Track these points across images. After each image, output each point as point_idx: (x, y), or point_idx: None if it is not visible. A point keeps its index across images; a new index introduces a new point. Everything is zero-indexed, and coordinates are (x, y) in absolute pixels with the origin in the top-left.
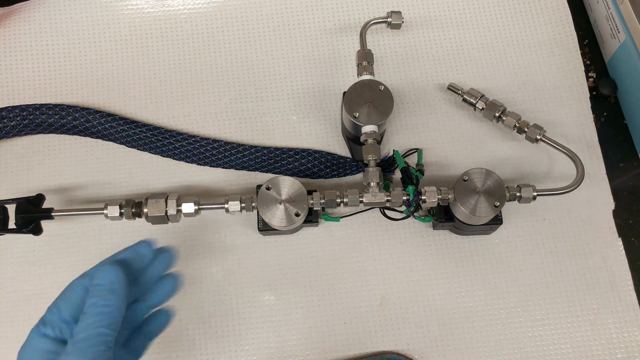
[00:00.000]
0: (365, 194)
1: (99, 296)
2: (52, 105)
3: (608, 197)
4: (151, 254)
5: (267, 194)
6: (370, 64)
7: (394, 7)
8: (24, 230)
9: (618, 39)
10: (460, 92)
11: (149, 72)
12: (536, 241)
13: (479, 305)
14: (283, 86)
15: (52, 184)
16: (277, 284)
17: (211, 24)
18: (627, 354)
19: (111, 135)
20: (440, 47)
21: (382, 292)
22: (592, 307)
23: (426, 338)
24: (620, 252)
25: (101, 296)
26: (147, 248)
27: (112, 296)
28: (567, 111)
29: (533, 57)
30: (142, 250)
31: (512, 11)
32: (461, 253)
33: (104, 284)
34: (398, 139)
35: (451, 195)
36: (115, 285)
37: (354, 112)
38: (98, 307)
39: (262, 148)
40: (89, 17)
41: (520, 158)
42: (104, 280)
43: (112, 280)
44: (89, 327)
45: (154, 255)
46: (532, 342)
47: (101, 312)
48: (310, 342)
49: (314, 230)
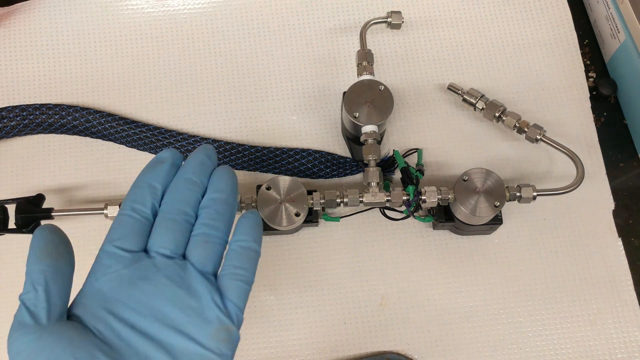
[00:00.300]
0: (365, 194)
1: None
2: (52, 105)
3: (608, 197)
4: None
5: (267, 194)
6: (370, 64)
7: (394, 7)
8: (24, 230)
9: (618, 39)
10: (460, 92)
11: (149, 72)
12: (536, 241)
13: (479, 305)
14: (283, 86)
15: (52, 184)
16: (277, 284)
17: (211, 24)
18: (627, 354)
19: (111, 135)
20: (440, 47)
21: (382, 292)
22: (592, 307)
23: (426, 338)
24: (620, 252)
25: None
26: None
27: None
28: (567, 111)
29: (533, 57)
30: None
31: (512, 11)
32: (461, 253)
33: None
34: (398, 139)
35: (451, 195)
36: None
37: (354, 112)
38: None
39: (262, 148)
40: (88, 17)
41: (520, 158)
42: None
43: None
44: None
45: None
46: (532, 342)
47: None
48: (310, 342)
49: (314, 230)
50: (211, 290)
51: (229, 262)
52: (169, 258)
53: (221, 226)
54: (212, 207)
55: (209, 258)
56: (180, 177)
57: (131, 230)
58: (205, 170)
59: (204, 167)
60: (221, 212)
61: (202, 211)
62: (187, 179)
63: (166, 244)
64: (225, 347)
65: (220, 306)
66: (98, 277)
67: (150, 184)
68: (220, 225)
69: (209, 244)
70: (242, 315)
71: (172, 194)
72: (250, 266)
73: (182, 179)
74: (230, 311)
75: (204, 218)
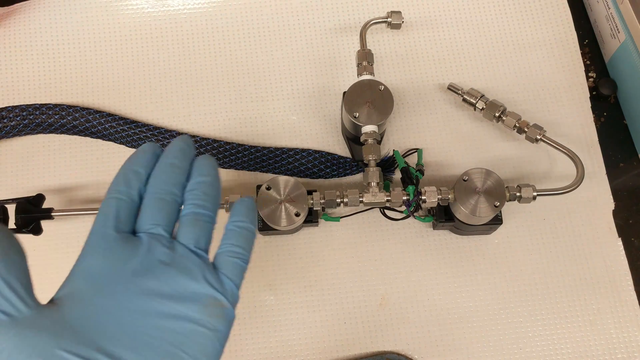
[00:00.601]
0: (365, 194)
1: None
2: (52, 105)
3: (608, 197)
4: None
5: (267, 194)
6: (370, 64)
7: (394, 7)
8: (24, 230)
9: (618, 39)
10: (460, 92)
11: (149, 72)
12: (536, 241)
13: (479, 305)
14: (283, 86)
15: (52, 184)
16: (277, 284)
17: (211, 24)
18: (627, 354)
19: (111, 135)
20: (440, 47)
21: (382, 292)
22: (592, 307)
23: (426, 338)
24: (620, 252)
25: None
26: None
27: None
28: (567, 111)
29: (533, 57)
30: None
31: (512, 11)
32: (461, 253)
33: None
34: (398, 139)
35: (451, 195)
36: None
37: (354, 112)
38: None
39: (262, 148)
40: (88, 17)
41: (520, 158)
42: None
43: (183, 147)
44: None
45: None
46: (532, 342)
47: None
48: (310, 342)
49: (314, 230)
50: (203, 267)
51: (227, 240)
52: (159, 236)
53: (210, 206)
54: (199, 189)
55: (202, 236)
56: (163, 162)
57: (118, 210)
58: (186, 156)
59: (185, 153)
60: (208, 193)
61: (189, 194)
62: (171, 163)
63: (156, 221)
64: (219, 322)
65: (212, 282)
66: (87, 258)
67: (134, 169)
68: (208, 205)
69: (199, 222)
70: (237, 292)
71: (157, 177)
72: (247, 245)
73: (165, 164)
74: (225, 287)
75: (192, 199)
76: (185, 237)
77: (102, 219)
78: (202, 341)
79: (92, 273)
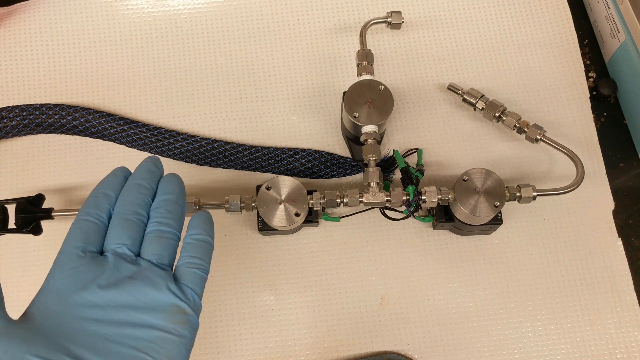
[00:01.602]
0: (365, 194)
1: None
2: (52, 105)
3: (608, 197)
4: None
5: (267, 194)
6: (370, 64)
7: (394, 7)
8: (24, 230)
9: (618, 39)
10: (460, 92)
11: (149, 72)
12: (536, 241)
13: (479, 305)
14: (283, 86)
15: (52, 184)
16: (277, 284)
17: (211, 24)
18: (627, 354)
19: (111, 135)
20: (440, 47)
21: (382, 292)
22: (592, 307)
23: (426, 338)
24: (620, 252)
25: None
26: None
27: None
28: (567, 111)
29: (533, 57)
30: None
31: (512, 11)
32: (461, 253)
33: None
34: (398, 139)
35: (451, 195)
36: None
37: (354, 112)
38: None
39: (262, 148)
40: (89, 17)
41: (520, 158)
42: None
43: (150, 168)
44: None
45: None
46: (532, 342)
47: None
48: (310, 342)
49: (314, 230)
50: (166, 278)
51: (185, 253)
52: (124, 255)
53: (173, 223)
54: (162, 207)
55: (165, 251)
56: (129, 183)
57: (87, 232)
58: (152, 176)
59: (151, 173)
60: (172, 211)
61: (153, 212)
62: (137, 184)
63: (121, 240)
64: (183, 328)
65: (175, 292)
66: (55, 276)
67: (104, 192)
68: (171, 222)
69: (162, 239)
70: (199, 300)
71: (123, 198)
72: (205, 256)
73: (132, 184)
74: (187, 296)
75: (155, 217)
76: (149, 253)
77: (71, 239)
78: (167, 346)
79: (59, 290)
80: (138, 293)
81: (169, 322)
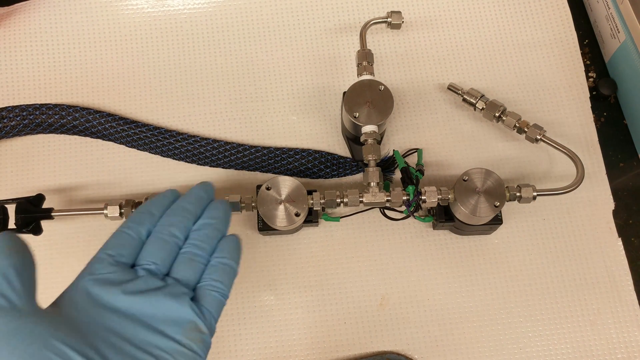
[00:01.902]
0: (365, 194)
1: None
2: (52, 105)
3: (608, 197)
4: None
5: (267, 194)
6: (370, 64)
7: (394, 7)
8: (24, 230)
9: (618, 39)
10: (460, 92)
11: (149, 72)
12: (536, 241)
13: (479, 305)
14: (283, 86)
15: (52, 184)
16: (277, 284)
17: (211, 24)
18: (627, 354)
19: (111, 135)
20: (440, 47)
21: (382, 292)
22: (592, 307)
23: (426, 338)
24: (620, 252)
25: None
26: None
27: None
28: (567, 111)
29: (533, 57)
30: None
31: (512, 11)
32: (461, 253)
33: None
34: (398, 139)
35: (451, 195)
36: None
37: (354, 112)
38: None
39: (262, 148)
40: (88, 17)
41: (520, 158)
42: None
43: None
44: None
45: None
46: (532, 342)
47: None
48: (310, 342)
49: (314, 230)
50: (188, 294)
51: (209, 275)
52: (153, 272)
53: (207, 248)
54: (202, 230)
55: (193, 275)
56: (176, 205)
57: (124, 244)
58: (200, 202)
59: (200, 200)
60: (211, 236)
61: (193, 233)
62: (183, 207)
63: (153, 259)
64: (198, 347)
65: (195, 311)
66: (85, 276)
67: (150, 211)
68: (206, 247)
69: (194, 262)
70: (215, 325)
71: (166, 218)
72: (228, 282)
73: (178, 207)
74: (205, 316)
75: (193, 239)
76: (179, 273)
77: (107, 247)
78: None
79: (88, 289)
80: (161, 305)
81: (185, 337)
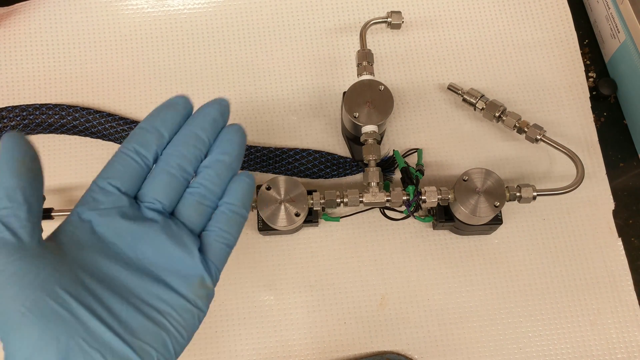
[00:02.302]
0: (365, 194)
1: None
2: (52, 105)
3: (608, 197)
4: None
5: (267, 194)
6: (370, 64)
7: (394, 7)
8: None
9: (618, 39)
10: (460, 92)
11: (149, 72)
12: (536, 241)
13: (479, 305)
14: (283, 86)
15: (52, 184)
16: (277, 284)
17: (211, 24)
18: (627, 354)
19: (111, 135)
20: (440, 47)
21: (382, 292)
22: (592, 307)
23: (426, 338)
24: (620, 252)
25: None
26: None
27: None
28: (567, 111)
29: (533, 57)
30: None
31: (511, 11)
32: (461, 253)
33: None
34: (398, 139)
35: (451, 195)
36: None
37: (354, 112)
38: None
39: (262, 148)
40: (88, 17)
41: (520, 158)
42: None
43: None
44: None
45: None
46: (532, 342)
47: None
48: (310, 342)
49: (314, 230)
50: (197, 245)
51: (217, 223)
52: (158, 211)
53: (218, 191)
54: (214, 168)
55: (200, 220)
56: (188, 131)
57: (129, 171)
58: (215, 127)
59: (215, 124)
60: (222, 176)
61: (203, 170)
62: (195, 135)
63: (160, 197)
64: (202, 303)
65: (204, 265)
66: (87, 210)
67: (159, 130)
68: (217, 190)
69: (202, 205)
70: (219, 275)
71: (176, 147)
72: (236, 231)
73: (190, 133)
74: (211, 269)
75: (203, 178)
76: (186, 216)
77: (110, 174)
78: (186, 316)
79: (92, 227)
80: (170, 255)
81: (192, 293)
